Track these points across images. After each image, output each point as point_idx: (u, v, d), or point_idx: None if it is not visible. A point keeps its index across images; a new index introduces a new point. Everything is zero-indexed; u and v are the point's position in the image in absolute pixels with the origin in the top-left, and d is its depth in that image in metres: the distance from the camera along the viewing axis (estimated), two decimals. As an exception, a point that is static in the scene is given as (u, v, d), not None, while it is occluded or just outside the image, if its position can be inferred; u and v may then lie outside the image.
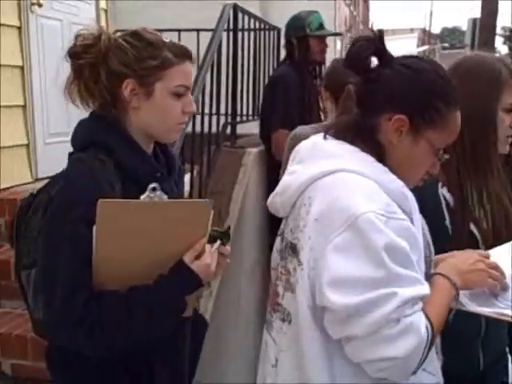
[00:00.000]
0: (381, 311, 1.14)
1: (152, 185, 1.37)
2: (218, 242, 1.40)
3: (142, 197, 1.36)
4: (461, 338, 1.28)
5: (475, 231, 1.60)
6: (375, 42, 1.28)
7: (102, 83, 1.41)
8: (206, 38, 3.36)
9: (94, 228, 1.25)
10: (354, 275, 1.15)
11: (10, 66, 3.76)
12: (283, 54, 4.03)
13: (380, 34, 1.28)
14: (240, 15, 3.58)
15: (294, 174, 1.35)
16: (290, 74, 3.57)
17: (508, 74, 1.59)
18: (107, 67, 1.40)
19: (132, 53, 1.39)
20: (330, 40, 3.94)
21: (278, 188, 1.40)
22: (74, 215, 1.29)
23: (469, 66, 1.63)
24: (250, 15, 3.81)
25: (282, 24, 4.41)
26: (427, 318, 1.21)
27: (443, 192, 1.58)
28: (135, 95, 1.40)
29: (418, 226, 1.27)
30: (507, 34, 42.61)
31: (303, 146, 1.40)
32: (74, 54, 1.41)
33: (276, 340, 1.37)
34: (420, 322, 1.18)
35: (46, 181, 4.08)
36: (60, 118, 4.32)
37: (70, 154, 1.44)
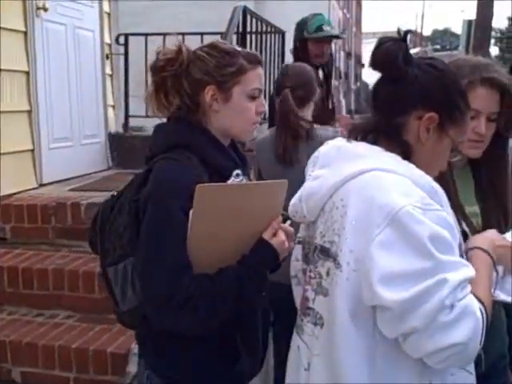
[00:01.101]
0: (435, 299, 1.14)
1: (236, 171, 1.54)
2: (289, 221, 1.51)
3: (229, 181, 1.51)
4: None
5: (466, 229, 1.61)
6: (400, 42, 1.30)
7: (184, 91, 1.56)
8: (209, 40, 3.34)
9: (191, 212, 1.37)
10: (402, 269, 1.15)
11: (15, 71, 3.73)
12: (287, 57, 4.01)
13: (405, 35, 1.30)
14: (248, 18, 3.56)
15: (319, 179, 1.35)
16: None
17: (477, 81, 1.60)
18: (190, 77, 1.56)
19: (212, 62, 1.55)
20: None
21: (302, 194, 1.40)
22: (174, 206, 1.41)
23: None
24: (258, 18, 3.79)
25: (276, 23, 4.40)
26: (478, 299, 1.22)
27: None
28: (215, 100, 1.55)
29: (450, 217, 1.29)
30: (498, 35, 43.00)
31: (325, 150, 1.40)
32: (158, 67, 1.57)
33: (308, 344, 1.37)
34: (473, 303, 1.19)
35: (51, 186, 4.05)
36: (64, 123, 4.30)
37: (150, 158, 1.54)
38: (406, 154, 1.30)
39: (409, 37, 1.31)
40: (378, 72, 1.35)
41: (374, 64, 1.33)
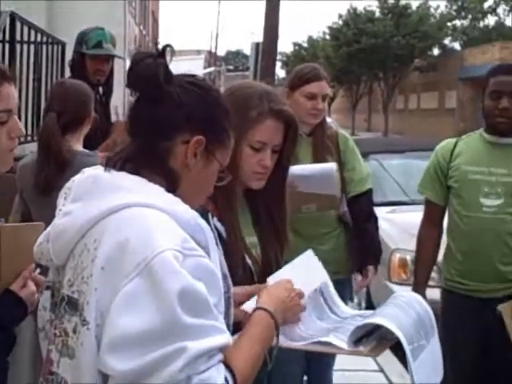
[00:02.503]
0: (167, 371, 0.98)
1: None
2: (38, 269, 1.38)
3: None
4: None
5: (248, 261, 1.55)
6: (159, 57, 1.16)
7: None
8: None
9: None
10: (138, 332, 0.99)
11: None
12: (68, 70, 3.74)
13: (163, 50, 1.17)
14: (19, 25, 3.24)
15: (70, 215, 1.15)
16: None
17: (266, 113, 1.55)
18: None
19: None
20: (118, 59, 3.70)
21: (50, 232, 1.19)
22: None
23: (230, 94, 1.60)
24: (31, 26, 3.47)
25: (69, 38, 4.13)
26: (229, 369, 1.07)
27: (214, 222, 1.49)
28: None
29: (216, 259, 1.17)
30: (284, 59, 46.22)
31: (79, 180, 1.19)
32: None
33: None
34: (217, 378, 1.03)
35: None
36: None
37: None
38: (173, 182, 1.15)
39: (169, 52, 1.18)
40: (135, 92, 1.20)
41: (132, 83, 1.17)
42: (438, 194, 2.53)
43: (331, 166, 2.52)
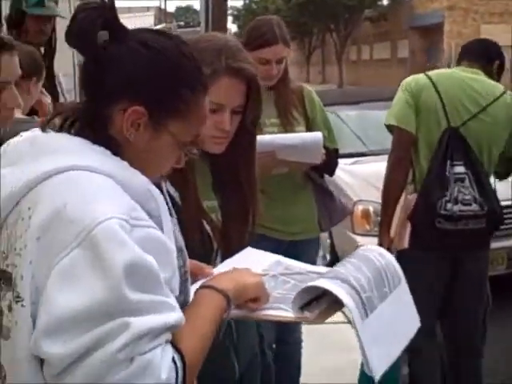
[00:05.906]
0: (104, 351, 0.89)
1: None
2: None
3: None
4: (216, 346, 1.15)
5: (207, 227, 1.47)
6: (105, 11, 1.03)
7: None
8: None
9: None
10: (77, 310, 0.89)
11: None
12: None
13: (111, 2, 1.04)
14: None
15: (2, 181, 1.05)
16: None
17: (222, 70, 1.41)
18: None
19: None
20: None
21: None
22: None
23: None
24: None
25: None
26: (178, 350, 0.98)
27: (167, 187, 1.38)
28: None
29: (169, 231, 1.07)
30: (235, 13, 45.51)
31: (14, 143, 1.09)
32: None
33: None
34: (162, 360, 0.93)
35: None
36: None
37: None
38: (114, 152, 1.04)
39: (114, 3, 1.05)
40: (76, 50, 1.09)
41: (69, 39, 1.05)
42: None
43: (319, 135, 2.42)
